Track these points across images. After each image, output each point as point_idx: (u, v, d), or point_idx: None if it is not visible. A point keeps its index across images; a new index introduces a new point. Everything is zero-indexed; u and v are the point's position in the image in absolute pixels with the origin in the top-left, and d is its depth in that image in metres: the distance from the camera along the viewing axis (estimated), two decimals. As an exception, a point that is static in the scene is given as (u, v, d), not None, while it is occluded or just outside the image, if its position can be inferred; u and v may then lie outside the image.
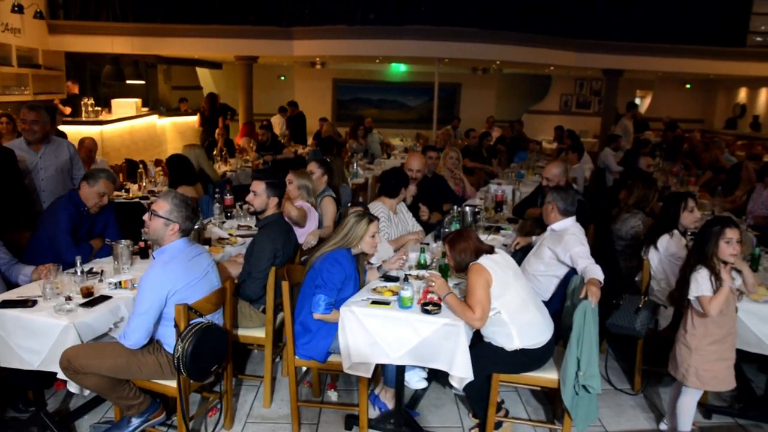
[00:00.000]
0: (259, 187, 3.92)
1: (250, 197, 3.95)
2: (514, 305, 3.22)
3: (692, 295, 3.19)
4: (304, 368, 4.00)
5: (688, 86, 16.88)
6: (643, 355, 4.11)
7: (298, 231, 4.49)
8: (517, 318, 3.23)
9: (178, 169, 5.70)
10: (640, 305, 3.77)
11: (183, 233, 3.14)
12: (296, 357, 3.49)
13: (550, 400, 3.95)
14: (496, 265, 3.23)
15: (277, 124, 12.25)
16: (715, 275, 3.15)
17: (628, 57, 12.82)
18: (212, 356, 3.10)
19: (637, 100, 17.05)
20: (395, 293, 3.38)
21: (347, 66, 15.53)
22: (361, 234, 3.48)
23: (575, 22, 12.42)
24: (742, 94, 15.77)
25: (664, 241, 4.01)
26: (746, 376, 3.95)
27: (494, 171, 8.43)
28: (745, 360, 3.81)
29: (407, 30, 11.09)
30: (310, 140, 11.93)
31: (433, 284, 3.26)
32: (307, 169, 5.11)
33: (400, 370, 3.43)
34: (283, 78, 16.40)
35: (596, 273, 3.45)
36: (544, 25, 11.89)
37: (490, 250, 3.33)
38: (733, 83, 15.71)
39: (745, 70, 13.45)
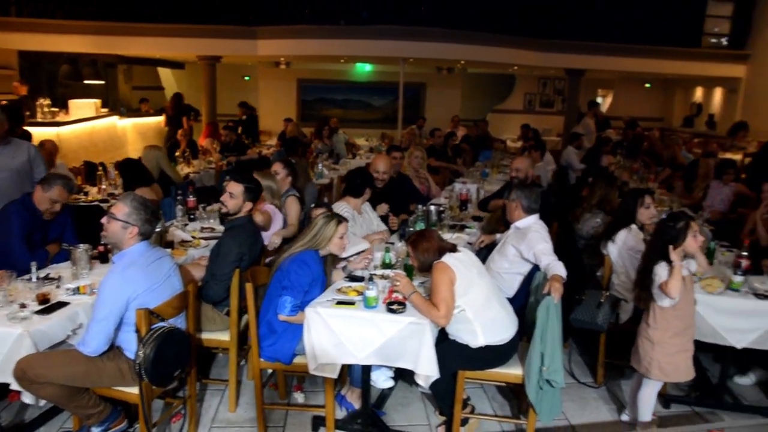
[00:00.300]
0: (237, 189, 3.85)
1: (225, 197, 3.88)
2: (478, 303, 3.25)
3: (657, 284, 3.27)
4: (270, 370, 3.96)
5: (647, 85, 17.26)
6: (606, 348, 4.19)
7: (263, 233, 4.45)
8: (482, 315, 3.25)
9: (130, 172, 5.63)
10: (602, 300, 3.84)
11: (143, 236, 3.08)
12: (261, 359, 3.45)
13: (515, 396, 3.99)
14: (460, 263, 3.25)
15: None
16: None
17: (589, 57, 13.08)
18: (175, 361, 3.04)
19: (599, 99, 17.34)
20: (360, 293, 3.38)
21: (312, 66, 15.46)
22: (329, 235, 3.47)
23: (539, 23, 12.61)
24: (699, 94, 16.19)
25: (622, 235, 4.10)
26: (702, 366, 4.06)
27: (459, 170, 8.48)
28: (700, 350, 3.92)
29: (372, 30, 11.11)
30: (274, 140, 11.85)
31: (398, 283, 3.26)
32: (272, 169, 5.07)
33: (366, 369, 3.43)
34: (247, 78, 16.24)
35: (559, 269, 3.50)
36: (508, 25, 12.04)
37: (453, 248, 3.35)
38: (690, 83, 16.12)
39: (701, 70, 13.84)
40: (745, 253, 3.88)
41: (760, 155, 8.58)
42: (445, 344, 3.34)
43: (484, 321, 3.26)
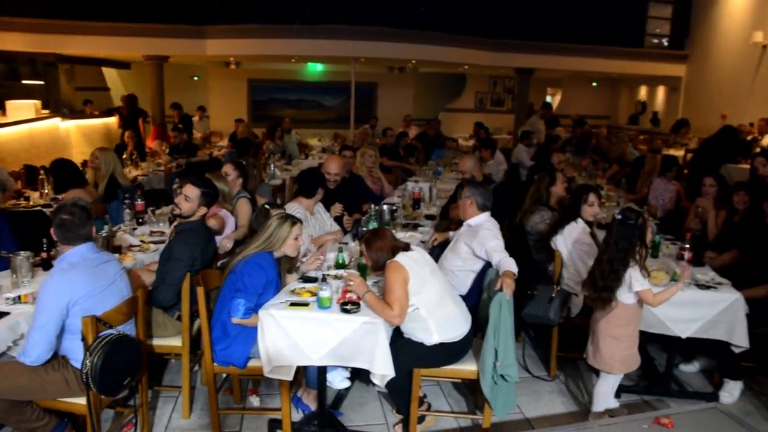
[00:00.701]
0: (193, 192, 3.75)
1: (180, 200, 3.78)
2: (431, 301, 3.27)
3: (635, 289, 3.32)
4: (224, 375, 3.90)
5: (594, 84, 17.72)
6: (558, 342, 4.28)
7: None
8: (435, 313, 3.27)
9: (60, 173, 5.47)
10: (553, 295, 3.92)
11: (84, 239, 2.98)
12: (215, 364, 3.39)
13: (471, 391, 4.02)
14: (413, 261, 3.26)
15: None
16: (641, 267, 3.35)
17: (538, 56, 13.38)
18: (124, 369, 2.96)
19: (548, 98, 17.71)
20: (314, 294, 3.35)
21: (263, 66, 15.28)
22: (284, 236, 3.43)
23: (489, 23, 12.79)
24: (643, 92, 16.72)
25: (569, 228, 4.20)
26: (650, 356, 4.18)
27: (412, 169, 8.52)
28: (648, 341, 4.05)
29: (323, 29, 11.07)
30: (225, 141, 11.66)
31: (351, 283, 3.25)
32: (222, 171, 4.98)
33: (322, 370, 3.41)
34: (196, 78, 15.94)
35: (510, 266, 3.55)
36: (458, 25, 12.17)
37: (406, 247, 3.36)
38: (635, 81, 16.64)
39: (644, 70, 14.32)
40: (687, 246, 4.02)
41: (700, 151, 8.92)
42: (400, 343, 3.35)
43: (437, 319, 3.28)
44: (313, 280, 3.64)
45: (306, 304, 3.27)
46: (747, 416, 3.76)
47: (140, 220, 5.04)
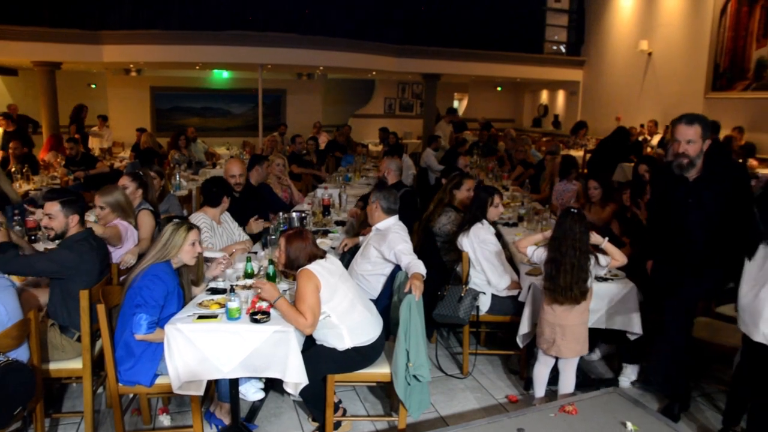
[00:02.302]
0: (52, 208, 3.52)
1: (46, 222, 3.56)
2: (342, 307, 3.27)
3: (603, 264, 3.52)
4: (131, 395, 3.72)
5: (499, 89, 18.35)
6: (469, 340, 4.38)
7: (115, 252, 4.18)
8: (347, 319, 3.28)
9: None
10: (462, 294, 4.02)
11: None
12: (119, 384, 3.24)
13: (386, 394, 4.05)
14: (324, 269, 3.26)
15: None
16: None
17: (444, 62, 13.70)
18: (15, 398, 2.75)
19: (455, 103, 18.17)
20: (222, 305, 3.28)
21: (166, 73, 14.77)
22: (179, 243, 3.31)
23: (396, 29, 12.98)
24: (544, 96, 17.48)
25: (474, 228, 4.31)
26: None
27: (322, 176, 8.49)
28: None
29: (227, 36, 10.84)
30: (127, 152, 11.17)
31: (261, 290, 3.20)
32: (119, 183, 4.75)
33: (234, 383, 3.33)
34: (93, 86, 15.18)
35: (419, 268, 3.60)
36: (366, 32, 12.27)
37: (323, 255, 3.36)
38: (536, 86, 17.37)
39: (544, 75, 14.98)
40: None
41: (596, 152, 9.42)
42: (312, 350, 3.33)
43: (349, 324, 3.29)
44: (221, 291, 3.56)
45: (214, 316, 3.20)
46: (642, 396, 4.03)
47: (32, 237, 4.73)
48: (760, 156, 9.58)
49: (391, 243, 3.87)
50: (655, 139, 11.47)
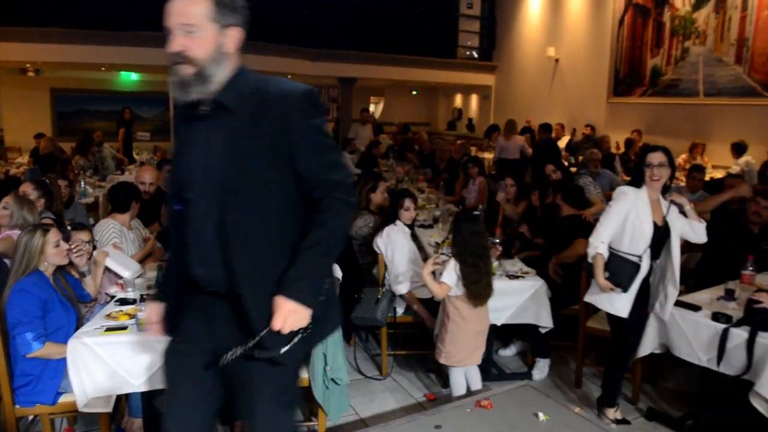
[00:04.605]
0: None
1: None
2: None
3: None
4: (31, 417, 3.50)
5: (414, 93, 18.64)
6: (388, 341, 4.42)
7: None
8: None
9: None
10: (379, 296, 4.06)
11: None
12: (17, 406, 3.04)
13: (305, 399, 4.00)
14: None
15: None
16: None
17: (360, 66, 13.79)
18: None
19: (372, 107, 18.30)
20: (132, 316, 3.15)
21: (68, 74, 13.98)
22: (39, 247, 3.11)
23: (310, 33, 12.93)
24: (459, 100, 17.92)
25: (388, 230, 4.35)
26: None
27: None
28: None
29: (136, 36, 10.41)
30: (25, 158, 10.52)
31: None
32: (20, 190, 4.48)
33: (147, 396, 3.21)
34: (-15, 86, 14.20)
35: (335, 271, 3.59)
36: (280, 35, 12.15)
37: None
38: (451, 90, 17.78)
39: (458, 79, 15.38)
40: (497, 241, 4.36)
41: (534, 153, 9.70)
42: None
43: None
44: (131, 301, 3.42)
45: (124, 328, 3.07)
46: (553, 389, 4.20)
47: None
48: (656, 157, 10.20)
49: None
50: (563, 142, 12.01)
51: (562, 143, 11.94)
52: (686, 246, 4.95)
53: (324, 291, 1.95)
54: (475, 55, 16.25)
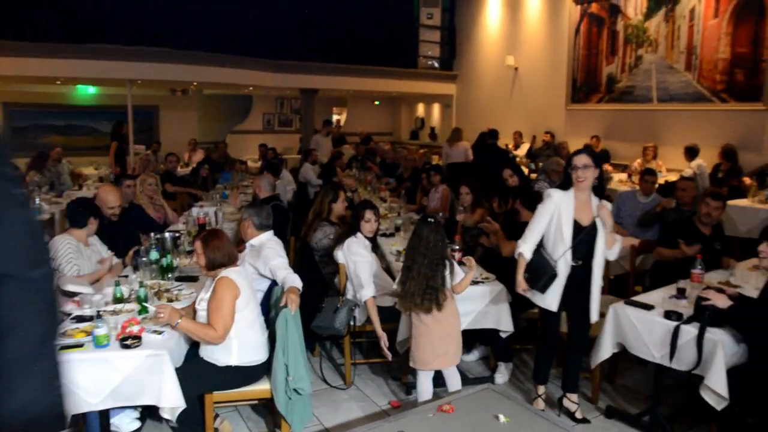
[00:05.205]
0: None
1: None
2: (247, 321, 3.28)
3: (459, 278, 3.63)
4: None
5: (377, 103, 18.72)
6: (351, 350, 4.43)
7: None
8: (243, 334, 3.27)
9: None
10: (339, 306, 4.07)
11: None
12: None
13: (269, 411, 3.99)
14: (243, 278, 3.28)
15: None
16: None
17: (322, 77, 13.81)
18: None
19: (335, 117, 18.33)
20: (89, 333, 3.10)
21: (22, 88, 13.61)
22: None
23: (272, 44, 12.91)
24: (421, 109, 18.06)
25: (348, 242, 4.37)
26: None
27: (198, 194, 8.23)
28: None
29: (91, 49, 10.24)
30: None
31: (162, 315, 3.11)
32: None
33: (105, 415, 3.16)
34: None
35: (294, 281, 3.61)
36: (241, 47, 12.10)
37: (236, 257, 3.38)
38: (413, 100, 17.91)
39: (419, 89, 15.51)
40: (457, 247, 4.42)
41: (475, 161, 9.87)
42: (186, 366, 3.24)
43: (243, 340, 3.27)
44: (88, 318, 3.37)
45: (80, 345, 3.03)
46: (515, 392, 4.27)
47: None
48: (614, 162, 10.48)
49: (266, 258, 3.86)
50: (523, 149, 12.21)
51: (522, 150, 12.15)
52: (642, 248, 5.14)
53: None
54: (436, 65, 16.43)
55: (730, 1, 8.90)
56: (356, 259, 4.24)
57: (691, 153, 8.70)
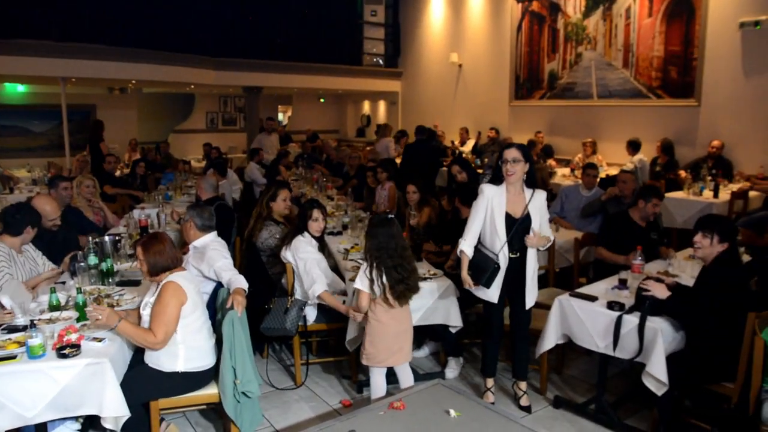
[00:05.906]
0: None
1: None
2: (194, 326, 3.20)
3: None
4: None
5: (322, 100, 18.61)
6: (301, 350, 4.39)
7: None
8: (190, 339, 3.19)
9: None
10: (288, 306, 4.02)
11: None
12: None
13: (219, 416, 3.91)
14: (191, 283, 3.19)
15: None
16: None
17: (265, 75, 13.63)
18: None
19: (280, 115, 18.12)
20: (22, 344, 2.96)
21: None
22: None
23: (212, 41, 12.66)
24: (367, 107, 18.05)
25: (296, 241, 4.32)
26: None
27: (139, 195, 7.99)
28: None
29: (19, 45, 9.76)
30: None
31: (100, 318, 2.98)
32: None
33: (42, 428, 3.02)
34: None
35: (240, 282, 3.55)
36: (180, 44, 11.80)
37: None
38: (358, 97, 17.88)
39: (365, 86, 15.49)
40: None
41: (405, 158, 9.88)
42: (130, 373, 3.14)
43: (190, 345, 3.19)
44: (22, 328, 3.21)
45: (13, 357, 2.89)
46: (465, 386, 4.31)
47: None
48: (557, 156, 10.72)
49: (210, 260, 3.77)
50: (468, 145, 12.36)
51: (468, 147, 12.30)
52: (585, 240, 5.27)
53: None
54: (381, 62, 16.45)
55: (662, 0, 9.22)
56: (305, 257, 4.20)
57: (634, 147, 9.00)
